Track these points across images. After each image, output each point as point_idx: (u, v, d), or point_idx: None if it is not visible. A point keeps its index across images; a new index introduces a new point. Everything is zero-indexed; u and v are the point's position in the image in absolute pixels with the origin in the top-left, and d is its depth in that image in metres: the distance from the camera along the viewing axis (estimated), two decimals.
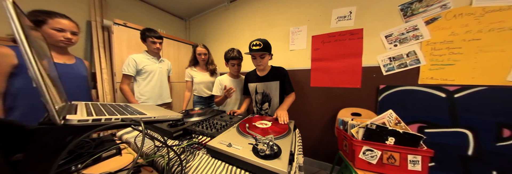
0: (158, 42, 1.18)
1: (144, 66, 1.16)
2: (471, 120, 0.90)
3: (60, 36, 0.76)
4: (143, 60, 1.18)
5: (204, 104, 1.46)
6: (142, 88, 1.19)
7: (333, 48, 1.28)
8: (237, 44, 1.85)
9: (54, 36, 0.75)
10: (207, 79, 1.41)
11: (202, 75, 1.41)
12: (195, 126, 0.66)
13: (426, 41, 0.99)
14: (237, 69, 1.14)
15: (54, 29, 0.74)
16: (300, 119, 1.45)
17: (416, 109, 1.01)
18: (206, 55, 1.38)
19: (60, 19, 0.75)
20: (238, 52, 1.10)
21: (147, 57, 1.21)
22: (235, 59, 1.09)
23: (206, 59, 1.39)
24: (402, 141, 0.76)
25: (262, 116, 0.79)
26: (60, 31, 0.76)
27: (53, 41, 0.77)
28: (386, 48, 1.10)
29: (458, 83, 0.92)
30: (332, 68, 1.29)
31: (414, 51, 1.02)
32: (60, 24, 0.75)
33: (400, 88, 1.06)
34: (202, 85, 1.41)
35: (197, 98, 1.45)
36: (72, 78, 0.84)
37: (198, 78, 1.39)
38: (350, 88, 1.23)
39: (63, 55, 0.84)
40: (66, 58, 0.85)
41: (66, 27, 0.77)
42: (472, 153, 0.89)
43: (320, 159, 1.40)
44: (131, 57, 1.13)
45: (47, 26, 0.73)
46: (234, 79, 1.18)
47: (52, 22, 0.73)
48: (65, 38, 0.77)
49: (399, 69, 1.06)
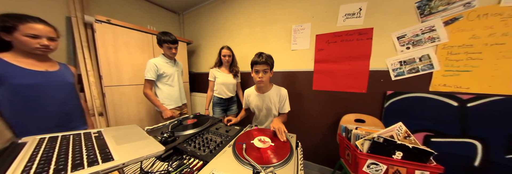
0: (174, 47, 1.18)
1: (164, 70, 1.19)
2: (482, 130, 0.85)
3: (35, 44, 0.66)
4: (163, 65, 1.19)
5: (224, 106, 1.47)
6: (165, 92, 1.23)
7: (339, 49, 1.18)
8: (235, 42, 1.72)
9: (28, 43, 0.65)
10: (229, 81, 1.42)
11: (225, 77, 1.42)
12: (186, 143, 0.60)
13: (442, 45, 0.90)
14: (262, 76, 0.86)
15: (27, 36, 0.64)
16: (301, 122, 1.40)
17: (424, 117, 0.96)
18: (230, 57, 1.40)
19: (33, 24, 0.65)
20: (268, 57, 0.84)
21: (165, 61, 1.23)
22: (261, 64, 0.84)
23: (230, 61, 1.42)
24: (411, 156, 0.71)
25: (261, 129, 0.73)
26: (34, 37, 0.66)
27: (28, 49, 0.67)
28: (397, 51, 1.01)
29: (472, 92, 0.85)
30: (336, 71, 1.21)
31: (428, 55, 0.94)
32: (34, 30, 0.65)
33: (409, 94, 0.99)
34: (224, 86, 1.42)
35: (217, 99, 1.45)
36: (57, 87, 0.75)
37: (220, 79, 1.40)
38: (355, 93, 1.15)
39: (44, 62, 0.75)
40: (47, 65, 0.76)
41: (41, 33, 0.67)
42: (479, 164, 0.86)
43: (320, 163, 1.38)
44: (152, 62, 1.14)
45: (19, 33, 0.63)
46: (259, 94, 0.97)
47: (23, 28, 0.63)
48: (41, 45, 0.67)
49: (410, 75, 0.98)
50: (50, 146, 0.32)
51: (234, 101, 1.53)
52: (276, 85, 0.98)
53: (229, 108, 1.51)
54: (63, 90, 0.78)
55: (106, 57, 1.18)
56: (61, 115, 0.76)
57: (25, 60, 0.68)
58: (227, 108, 1.50)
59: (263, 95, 0.95)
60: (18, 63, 0.66)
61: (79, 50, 1.17)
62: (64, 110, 0.77)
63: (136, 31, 1.38)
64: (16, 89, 0.64)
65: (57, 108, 0.75)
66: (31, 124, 0.68)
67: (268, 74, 0.87)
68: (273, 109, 0.95)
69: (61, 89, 0.77)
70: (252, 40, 1.61)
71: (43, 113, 0.71)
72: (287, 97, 0.95)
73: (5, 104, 0.63)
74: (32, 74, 0.68)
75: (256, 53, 0.87)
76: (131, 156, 0.29)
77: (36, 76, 0.69)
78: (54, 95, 0.73)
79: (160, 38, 1.13)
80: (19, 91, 0.65)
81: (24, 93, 0.66)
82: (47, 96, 0.71)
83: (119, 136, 0.41)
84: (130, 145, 0.36)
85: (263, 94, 0.95)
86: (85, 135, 0.40)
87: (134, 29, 1.36)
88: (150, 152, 0.33)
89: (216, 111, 1.47)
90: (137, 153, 0.31)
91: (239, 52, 1.70)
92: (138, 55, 1.40)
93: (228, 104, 1.49)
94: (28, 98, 0.67)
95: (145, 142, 0.41)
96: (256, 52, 0.87)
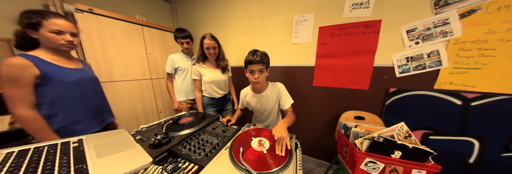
0: (185, 42, 1.27)
1: (179, 65, 1.30)
2: (482, 129, 0.84)
3: (60, 40, 0.67)
4: (179, 60, 1.31)
5: (217, 106, 1.28)
6: (179, 85, 1.35)
7: (342, 43, 1.11)
8: (233, 34, 1.61)
9: (54, 40, 0.66)
10: (218, 78, 1.20)
11: (213, 73, 1.19)
12: (181, 145, 0.57)
13: (454, 40, 0.84)
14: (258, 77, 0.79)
15: (52, 32, 0.65)
16: (299, 118, 1.39)
17: (425, 115, 0.94)
18: (216, 48, 1.14)
19: (55, 20, 0.65)
20: (263, 55, 0.78)
21: (182, 56, 1.34)
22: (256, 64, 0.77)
23: (216, 53, 1.16)
24: (410, 155, 0.71)
25: (259, 129, 0.70)
26: (59, 33, 0.66)
27: (55, 46, 0.68)
28: (405, 46, 0.95)
29: (479, 91, 0.82)
30: (339, 67, 1.15)
31: (437, 51, 0.88)
32: (57, 26, 0.65)
33: (412, 92, 0.96)
34: (213, 84, 1.20)
35: (207, 100, 1.23)
36: (88, 83, 0.81)
37: (208, 77, 1.17)
38: (357, 90, 1.12)
39: (71, 60, 0.79)
40: (75, 62, 0.80)
41: (64, 29, 0.67)
42: (473, 161, 0.87)
43: (317, 157, 1.41)
44: (170, 57, 1.30)
45: (45, 30, 0.64)
46: (255, 94, 0.92)
47: (48, 24, 0.64)
48: (66, 41, 0.68)
49: (416, 72, 0.94)
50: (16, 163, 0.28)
51: (228, 99, 1.35)
52: (271, 82, 0.93)
53: (224, 108, 1.34)
54: (93, 85, 0.84)
55: (92, 50, 1.09)
56: (97, 107, 0.83)
57: (58, 58, 0.71)
58: (221, 108, 1.33)
59: (260, 95, 0.90)
60: (55, 62, 0.69)
61: None
62: (99, 103, 0.86)
63: (123, 22, 1.27)
64: (63, 86, 0.69)
65: (94, 101, 0.82)
66: (82, 116, 0.76)
67: (265, 74, 0.81)
68: (273, 108, 0.92)
69: (92, 84, 0.83)
70: (251, 32, 1.51)
71: (89, 105, 0.79)
72: (284, 90, 0.89)
73: (55, 100, 0.68)
74: (71, 72, 0.73)
75: (250, 51, 0.80)
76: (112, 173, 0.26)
77: (72, 73, 0.74)
78: (89, 89, 0.80)
79: (175, 34, 1.26)
80: (66, 88, 0.70)
81: (70, 89, 0.72)
82: (85, 91, 0.77)
83: (102, 146, 0.37)
84: (113, 157, 0.33)
85: (260, 94, 0.90)
86: (62, 145, 0.36)
87: (121, 20, 1.25)
88: (135, 166, 0.29)
89: (210, 113, 1.27)
90: (119, 169, 0.28)
91: (237, 45, 1.61)
92: (128, 49, 1.31)
93: (222, 104, 1.32)
94: (74, 93, 0.73)
95: (130, 152, 0.37)
96: (250, 50, 0.80)
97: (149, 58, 1.46)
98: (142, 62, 1.41)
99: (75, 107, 0.74)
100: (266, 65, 0.79)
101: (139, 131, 0.70)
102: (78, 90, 0.74)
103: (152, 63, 1.48)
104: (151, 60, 1.47)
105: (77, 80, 0.73)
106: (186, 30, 1.28)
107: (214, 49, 1.14)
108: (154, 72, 1.51)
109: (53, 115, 0.69)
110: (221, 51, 1.20)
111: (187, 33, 1.28)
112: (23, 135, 1.00)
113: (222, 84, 1.26)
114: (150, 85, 1.46)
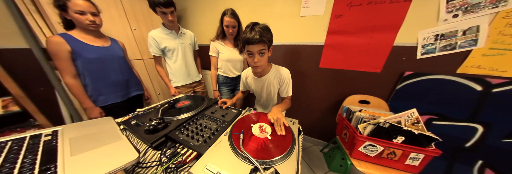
0: (168, 12, 0.95)
1: (165, 45, 1.06)
2: (492, 116, 0.80)
3: (85, 20, 0.77)
4: (163, 37, 1.05)
5: (231, 85, 1.28)
6: (171, 68, 1.16)
7: (362, 16, 0.93)
8: (229, 4, 1.35)
9: (80, 20, 0.77)
10: (235, 57, 1.16)
11: (230, 52, 1.14)
12: (178, 131, 0.55)
13: (505, 12, 0.67)
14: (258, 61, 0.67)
15: (76, 13, 0.75)
16: (302, 101, 1.37)
17: (435, 101, 0.89)
18: (235, 28, 1.06)
19: (76, 1, 0.73)
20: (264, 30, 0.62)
21: (165, 32, 1.06)
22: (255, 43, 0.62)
23: (235, 33, 1.09)
24: (413, 140, 0.70)
25: (260, 114, 0.66)
26: (82, 14, 0.76)
27: (83, 26, 0.79)
28: (439, 20, 0.79)
29: (508, 76, 0.73)
30: (352, 46, 1.01)
31: (477, 27, 0.73)
32: (78, 6, 0.74)
33: (430, 76, 0.87)
34: (229, 64, 1.17)
35: (222, 78, 1.23)
36: (112, 60, 0.91)
37: (224, 55, 1.14)
38: (367, 72, 1.03)
39: (99, 38, 0.89)
40: (102, 41, 0.90)
41: (84, 9, 0.75)
42: (470, 145, 0.89)
43: (315, 136, 1.48)
44: (150, 36, 1.03)
45: (71, 11, 0.74)
46: (256, 78, 0.84)
47: (71, 5, 0.73)
48: (90, 21, 0.78)
49: (441, 53, 0.82)
50: None
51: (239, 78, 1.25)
52: (275, 65, 0.80)
53: (237, 87, 1.31)
54: (117, 62, 0.94)
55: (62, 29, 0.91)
56: (121, 81, 0.96)
57: (87, 37, 0.83)
58: (235, 87, 1.31)
59: (260, 79, 0.81)
60: (84, 40, 0.81)
61: (28, 16, 0.90)
62: (123, 77, 0.97)
63: None
64: (88, 61, 0.81)
65: (118, 76, 0.94)
66: (103, 88, 0.89)
67: (266, 56, 0.67)
68: (275, 92, 0.85)
69: (116, 61, 0.93)
70: (251, 1, 1.26)
71: (109, 80, 0.91)
72: (289, 79, 0.79)
73: (84, 73, 0.83)
74: (94, 50, 0.83)
75: (247, 25, 0.63)
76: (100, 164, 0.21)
77: (97, 51, 0.84)
78: (112, 66, 0.91)
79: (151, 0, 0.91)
80: (90, 63, 0.82)
81: (94, 64, 0.83)
82: (108, 67, 0.89)
83: (80, 139, 0.32)
84: (90, 153, 0.28)
85: (261, 78, 0.81)
86: (31, 140, 0.31)
87: None
88: (117, 165, 0.24)
89: (223, 92, 1.28)
90: (97, 169, 0.23)
91: None
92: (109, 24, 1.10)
93: (236, 83, 1.29)
94: (97, 68, 0.85)
95: (113, 146, 0.32)
96: (247, 24, 0.63)
97: (136, 34, 1.25)
98: (128, 40, 1.21)
99: (97, 80, 0.86)
100: (268, 44, 0.63)
101: (135, 115, 0.66)
102: (100, 65, 0.85)
103: (140, 41, 1.28)
104: (138, 37, 1.27)
105: (99, 57, 0.84)
106: None
107: (233, 28, 1.05)
108: (145, 52, 1.33)
109: (85, 84, 0.85)
110: (241, 29, 1.09)
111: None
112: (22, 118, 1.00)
113: (238, 65, 1.21)
114: (142, 67, 1.32)
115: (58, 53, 0.74)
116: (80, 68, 0.81)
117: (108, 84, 0.90)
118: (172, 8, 0.95)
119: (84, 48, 0.80)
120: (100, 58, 0.85)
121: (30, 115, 1.00)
